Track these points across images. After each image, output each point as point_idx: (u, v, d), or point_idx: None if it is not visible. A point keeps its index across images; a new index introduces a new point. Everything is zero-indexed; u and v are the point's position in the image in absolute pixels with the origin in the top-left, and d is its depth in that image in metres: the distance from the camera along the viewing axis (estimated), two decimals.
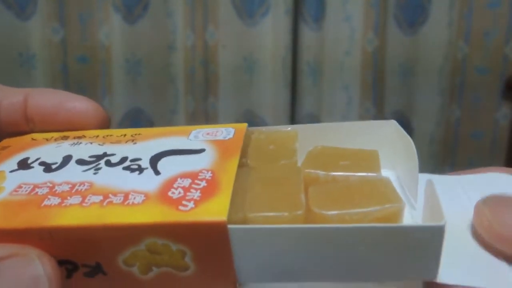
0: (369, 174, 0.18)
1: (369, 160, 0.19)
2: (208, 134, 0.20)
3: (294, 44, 0.89)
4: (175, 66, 0.89)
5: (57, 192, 0.17)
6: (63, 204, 0.16)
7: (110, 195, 0.16)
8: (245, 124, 0.21)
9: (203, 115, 0.92)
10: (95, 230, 0.15)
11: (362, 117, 0.92)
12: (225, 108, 0.91)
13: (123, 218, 0.15)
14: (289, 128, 0.22)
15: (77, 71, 0.87)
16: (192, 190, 0.16)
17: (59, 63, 0.86)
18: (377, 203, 0.16)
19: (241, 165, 0.18)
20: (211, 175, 0.17)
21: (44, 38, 0.84)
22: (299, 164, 0.19)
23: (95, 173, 0.18)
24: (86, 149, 0.20)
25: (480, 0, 0.89)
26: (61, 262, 0.16)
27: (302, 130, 0.21)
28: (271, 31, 0.87)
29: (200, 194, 0.16)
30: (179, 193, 0.16)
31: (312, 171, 0.18)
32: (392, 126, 0.21)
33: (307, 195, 0.17)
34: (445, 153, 0.96)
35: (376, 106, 0.91)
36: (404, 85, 0.92)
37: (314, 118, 0.92)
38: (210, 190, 0.16)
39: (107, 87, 0.89)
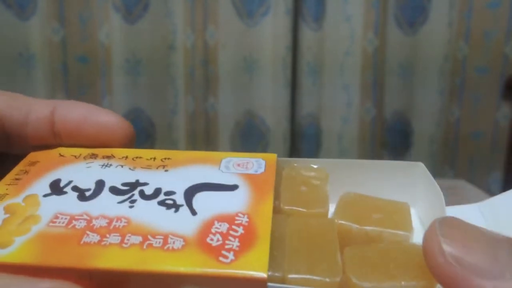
0: (402, 232, 0.19)
1: (400, 214, 0.20)
2: (239, 165, 0.20)
3: (294, 44, 0.89)
4: (175, 66, 0.89)
5: (95, 227, 0.17)
6: (102, 243, 0.16)
7: (149, 237, 0.16)
8: (275, 156, 0.21)
9: (203, 115, 0.92)
10: (135, 275, 0.15)
11: (362, 117, 0.92)
12: (225, 108, 0.91)
13: (163, 265, 0.15)
14: (316, 166, 0.22)
15: (77, 71, 0.87)
16: (230, 237, 0.16)
17: (59, 63, 0.86)
18: (413, 277, 0.16)
19: (274, 209, 0.19)
20: (247, 220, 0.17)
21: (44, 38, 0.84)
22: (331, 210, 0.20)
23: (131, 207, 0.18)
24: (117, 173, 0.20)
25: (480, 0, 0.89)
26: None
27: (329, 165, 0.22)
28: (271, 31, 0.87)
29: (239, 244, 0.16)
30: (218, 240, 0.16)
31: (346, 223, 0.19)
32: (420, 168, 0.21)
33: (343, 256, 0.17)
34: (445, 153, 0.96)
35: (376, 106, 0.92)
36: (404, 85, 0.92)
37: (314, 118, 0.93)
38: (248, 239, 0.16)
39: (107, 87, 0.89)
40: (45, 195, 0.18)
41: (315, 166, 0.22)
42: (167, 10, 0.87)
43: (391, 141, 0.95)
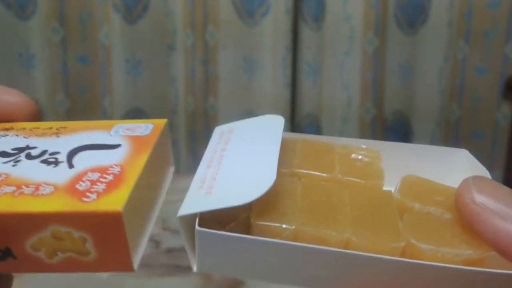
0: None
1: None
2: (128, 129, 0.21)
3: (294, 44, 0.89)
4: (175, 66, 0.89)
5: None
6: None
7: (23, 186, 0.17)
8: (165, 120, 0.22)
9: (203, 115, 0.92)
10: (5, 217, 0.16)
11: (362, 117, 0.92)
12: (225, 108, 0.91)
13: (31, 207, 0.16)
14: (365, 146, 0.23)
15: (77, 71, 0.87)
16: (98, 183, 0.17)
17: (59, 63, 0.86)
18: (469, 247, 0.17)
19: (333, 180, 0.20)
20: (119, 170, 0.18)
21: (44, 38, 0.84)
22: (386, 187, 0.21)
23: (14, 165, 0.19)
24: (10, 141, 0.21)
25: (480, 0, 0.89)
26: None
27: (376, 147, 0.23)
28: (271, 31, 0.87)
29: (104, 187, 0.17)
30: (86, 185, 0.17)
31: (409, 201, 0.19)
32: (464, 154, 0.22)
33: (403, 222, 0.18)
34: None
35: (376, 106, 0.92)
36: (404, 85, 0.92)
37: (314, 118, 0.93)
38: (114, 184, 0.17)
39: (107, 87, 0.89)
40: None
41: (364, 146, 0.23)
42: (167, 10, 0.87)
43: (391, 141, 0.95)
